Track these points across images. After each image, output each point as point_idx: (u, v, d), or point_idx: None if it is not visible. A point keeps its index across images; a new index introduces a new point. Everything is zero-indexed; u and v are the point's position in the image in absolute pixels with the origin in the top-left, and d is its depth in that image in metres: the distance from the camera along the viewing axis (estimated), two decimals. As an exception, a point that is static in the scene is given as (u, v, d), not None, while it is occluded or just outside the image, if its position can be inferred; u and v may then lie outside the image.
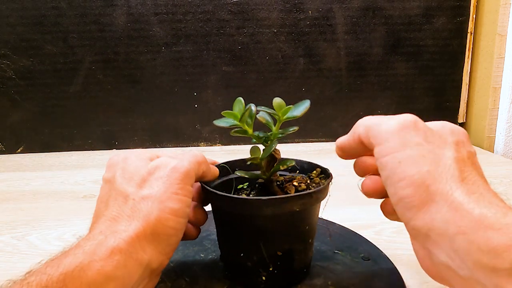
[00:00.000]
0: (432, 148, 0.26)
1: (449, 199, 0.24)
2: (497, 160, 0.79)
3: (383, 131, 0.27)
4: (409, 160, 0.25)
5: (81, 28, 0.83)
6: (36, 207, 0.58)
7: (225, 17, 0.85)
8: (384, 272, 0.36)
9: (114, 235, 0.26)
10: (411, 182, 0.25)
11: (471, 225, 0.23)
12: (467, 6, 0.88)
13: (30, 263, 0.42)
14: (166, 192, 0.29)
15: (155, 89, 0.87)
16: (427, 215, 0.25)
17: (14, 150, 0.88)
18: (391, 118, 0.28)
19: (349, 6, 0.86)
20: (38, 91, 0.85)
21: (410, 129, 0.27)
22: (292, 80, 0.89)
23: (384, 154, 0.27)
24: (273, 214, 0.31)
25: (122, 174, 0.30)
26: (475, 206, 0.23)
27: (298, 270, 0.35)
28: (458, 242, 0.23)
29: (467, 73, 0.91)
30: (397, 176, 0.26)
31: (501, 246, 0.21)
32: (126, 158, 0.32)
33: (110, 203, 0.29)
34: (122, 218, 0.28)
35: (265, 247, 0.33)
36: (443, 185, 0.24)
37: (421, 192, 0.25)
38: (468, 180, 0.25)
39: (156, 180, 0.29)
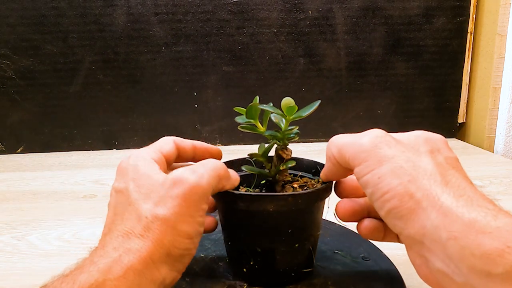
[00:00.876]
0: (408, 157, 0.26)
1: (436, 204, 0.24)
2: (497, 160, 0.79)
3: (357, 151, 0.27)
4: (388, 173, 0.26)
5: (81, 28, 0.83)
6: (36, 207, 0.58)
7: (225, 17, 0.85)
8: (384, 272, 0.36)
9: (128, 254, 0.26)
10: (394, 193, 0.25)
11: (462, 229, 0.22)
12: (467, 6, 0.88)
13: (30, 263, 0.43)
14: (181, 215, 0.28)
15: (155, 89, 0.87)
16: (417, 222, 0.25)
17: (14, 150, 0.88)
18: (362, 136, 0.28)
19: (349, 6, 0.86)
20: (38, 91, 0.85)
21: (382, 144, 0.27)
22: (292, 80, 0.89)
23: (364, 173, 0.27)
24: (247, 209, 0.32)
25: (137, 189, 0.29)
26: (464, 210, 0.23)
27: (282, 271, 0.34)
28: (450, 248, 0.23)
29: (467, 73, 0.91)
30: (381, 190, 0.26)
31: (493, 250, 0.21)
32: (137, 167, 0.30)
33: (125, 217, 0.28)
34: (135, 235, 0.27)
35: (244, 240, 0.34)
36: (427, 191, 0.24)
37: (407, 201, 0.25)
38: (453, 183, 0.25)
39: (172, 199, 0.28)
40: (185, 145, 0.36)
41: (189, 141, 0.36)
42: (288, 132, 0.35)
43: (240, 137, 0.91)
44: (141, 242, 0.27)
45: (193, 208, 0.28)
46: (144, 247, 0.27)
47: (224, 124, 0.90)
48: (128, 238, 0.27)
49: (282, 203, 0.31)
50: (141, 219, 0.27)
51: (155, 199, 0.28)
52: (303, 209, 0.33)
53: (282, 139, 0.36)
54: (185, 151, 0.36)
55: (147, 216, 0.27)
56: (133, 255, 0.26)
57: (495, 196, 0.59)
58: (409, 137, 0.29)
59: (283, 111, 0.34)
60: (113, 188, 0.31)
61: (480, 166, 0.74)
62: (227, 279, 0.35)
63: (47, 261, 0.43)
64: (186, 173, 0.29)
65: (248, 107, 0.35)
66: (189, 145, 0.36)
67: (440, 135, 0.29)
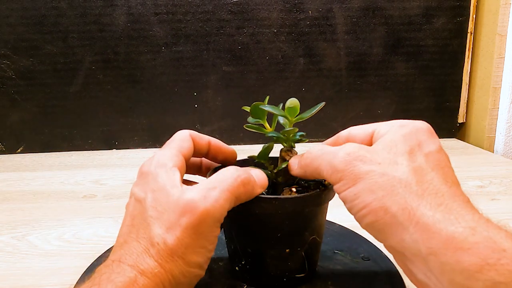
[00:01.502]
0: (384, 169, 0.26)
1: (413, 218, 0.24)
2: (497, 160, 0.79)
3: (333, 172, 0.27)
4: (363, 191, 0.26)
5: (81, 28, 0.83)
6: (36, 207, 0.58)
7: (225, 17, 0.85)
8: (384, 272, 0.36)
9: (143, 276, 0.26)
10: (370, 209, 0.25)
11: (441, 245, 0.22)
12: (467, 6, 0.88)
13: (30, 263, 0.43)
14: (191, 246, 0.27)
15: (155, 89, 0.87)
16: (396, 236, 0.25)
17: (14, 150, 0.88)
18: (335, 154, 0.28)
19: (349, 6, 0.86)
20: (38, 91, 0.85)
21: (356, 161, 0.26)
22: (292, 80, 0.89)
23: (341, 191, 0.27)
24: (236, 210, 0.31)
25: (153, 204, 0.29)
26: (441, 225, 0.23)
27: (273, 275, 0.34)
28: (431, 262, 0.23)
29: (467, 73, 0.91)
30: (357, 207, 0.26)
31: (473, 266, 0.21)
32: (157, 177, 0.30)
33: (140, 233, 0.28)
34: (149, 256, 0.27)
35: (236, 238, 0.34)
36: (403, 205, 0.24)
37: (382, 216, 0.25)
38: (430, 191, 0.24)
39: (181, 229, 0.27)
40: (201, 141, 0.35)
41: (206, 137, 0.36)
42: (292, 133, 0.35)
43: (240, 137, 0.91)
44: (154, 265, 0.27)
45: (204, 238, 0.28)
46: (158, 273, 0.27)
47: (224, 124, 0.90)
48: (142, 258, 0.27)
49: (266, 205, 0.31)
50: (154, 244, 0.27)
51: (166, 223, 0.27)
52: (292, 214, 0.32)
53: (287, 141, 0.35)
54: (200, 147, 0.35)
55: (158, 242, 0.27)
56: (148, 279, 0.26)
57: (495, 196, 0.59)
58: (388, 137, 0.28)
59: (286, 112, 0.34)
60: (133, 192, 0.31)
61: (480, 166, 0.74)
62: (227, 279, 0.35)
63: (47, 261, 0.43)
64: (197, 198, 0.27)
65: (252, 106, 0.34)
66: (205, 141, 0.36)
67: (423, 122, 0.28)
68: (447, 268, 0.22)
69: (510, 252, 0.21)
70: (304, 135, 0.35)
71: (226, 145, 0.37)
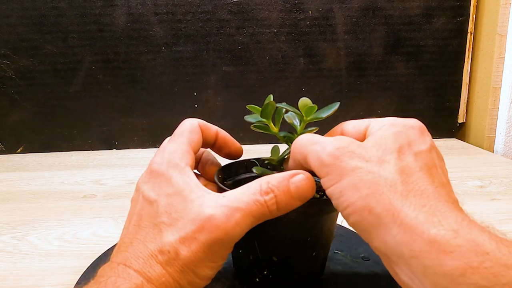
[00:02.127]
0: (371, 167, 0.25)
1: (396, 220, 0.23)
2: (497, 160, 0.79)
3: (320, 165, 0.26)
4: (348, 188, 0.25)
5: (81, 28, 0.83)
6: (36, 207, 0.58)
7: (225, 17, 0.85)
8: (384, 272, 0.36)
9: (150, 284, 0.26)
10: (354, 208, 0.25)
11: (423, 248, 0.22)
12: (467, 6, 0.88)
13: (30, 263, 0.43)
14: (203, 260, 0.27)
15: (155, 89, 0.87)
16: (380, 237, 0.24)
17: (14, 150, 0.88)
18: (324, 146, 0.26)
19: (349, 6, 0.86)
20: (38, 91, 0.85)
21: (344, 156, 0.26)
22: (292, 80, 0.89)
23: (327, 186, 0.26)
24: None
25: (167, 209, 0.28)
26: (424, 227, 0.22)
27: (297, 281, 0.33)
28: (413, 266, 0.22)
29: (467, 73, 0.91)
30: (342, 205, 0.25)
31: (456, 270, 0.21)
32: (171, 179, 0.29)
33: (149, 236, 0.27)
34: (156, 262, 0.27)
35: (259, 248, 0.32)
36: (387, 206, 0.24)
37: (366, 216, 0.24)
38: (415, 191, 0.24)
39: (197, 243, 0.26)
40: (210, 132, 0.35)
41: (214, 127, 0.35)
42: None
43: (240, 137, 0.91)
44: (162, 273, 0.26)
45: (218, 255, 0.27)
46: (165, 282, 0.26)
47: (224, 124, 0.90)
48: (149, 265, 0.26)
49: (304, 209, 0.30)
50: (164, 252, 0.27)
51: (181, 233, 0.27)
52: (320, 215, 0.31)
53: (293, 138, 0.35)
54: (208, 138, 0.35)
55: (169, 251, 0.26)
56: (155, 287, 0.26)
57: (495, 196, 0.59)
58: (378, 134, 0.27)
59: (301, 111, 0.32)
60: (142, 189, 0.30)
61: (480, 166, 0.74)
62: (227, 279, 0.35)
63: (47, 261, 0.43)
64: (219, 216, 0.26)
65: (264, 105, 0.33)
66: (214, 132, 0.35)
67: (416, 120, 0.28)
68: (429, 271, 0.22)
69: (493, 255, 0.21)
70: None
71: (233, 139, 0.37)
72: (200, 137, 0.33)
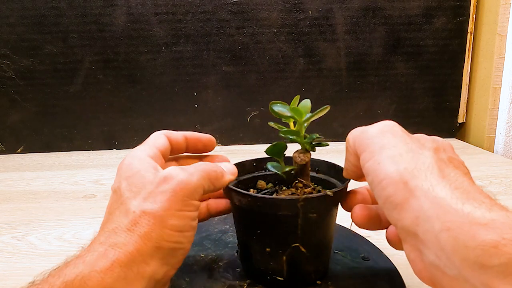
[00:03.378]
0: (410, 148, 0.26)
1: (430, 194, 0.24)
2: (497, 160, 0.79)
3: (364, 139, 0.28)
4: (387, 160, 0.26)
5: (81, 28, 0.83)
6: (36, 207, 0.58)
7: (225, 17, 0.85)
8: (384, 272, 0.36)
9: (114, 248, 0.26)
10: (390, 180, 0.25)
11: (456, 220, 0.22)
12: (467, 6, 0.88)
13: (30, 263, 0.43)
14: (169, 209, 0.28)
15: (155, 89, 0.87)
16: (411, 212, 0.24)
17: (14, 150, 0.88)
18: (372, 126, 0.29)
19: (349, 6, 0.86)
20: (38, 91, 0.85)
21: (388, 132, 0.27)
22: (292, 80, 0.89)
23: (367, 160, 0.27)
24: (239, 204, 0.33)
25: (128, 187, 0.29)
26: (458, 202, 0.23)
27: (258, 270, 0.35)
28: (443, 239, 0.22)
29: (467, 73, 0.91)
30: (378, 177, 0.26)
31: (488, 242, 0.20)
32: (130, 164, 0.31)
33: (115, 215, 0.29)
34: (121, 230, 0.27)
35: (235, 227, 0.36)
36: (422, 181, 0.24)
37: (401, 189, 0.25)
38: (450, 177, 0.25)
39: (161, 194, 0.28)
40: (177, 137, 0.36)
41: (180, 133, 0.37)
42: (297, 135, 0.35)
43: (240, 137, 0.91)
44: (128, 236, 0.27)
45: (182, 203, 0.29)
46: (131, 242, 0.27)
47: (224, 124, 0.90)
48: (114, 233, 0.27)
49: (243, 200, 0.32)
50: (128, 214, 0.28)
51: (144, 195, 0.28)
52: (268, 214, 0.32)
53: (301, 143, 0.35)
54: (177, 143, 0.36)
55: (134, 211, 0.28)
56: (119, 249, 0.26)
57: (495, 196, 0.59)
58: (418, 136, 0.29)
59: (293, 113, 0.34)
60: (111, 189, 0.32)
61: (480, 166, 0.74)
62: (227, 279, 0.35)
63: (47, 261, 0.43)
64: (176, 171, 0.29)
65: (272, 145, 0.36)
66: (181, 137, 0.37)
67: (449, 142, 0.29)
68: (459, 244, 0.21)
69: None
70: (315, 138, 0.35)
71: (203, 134, 0.38)
72: (165, 141, 0.35)
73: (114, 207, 0.30)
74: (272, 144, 0.36)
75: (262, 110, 0.90)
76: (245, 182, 0.39)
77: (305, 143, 0.35)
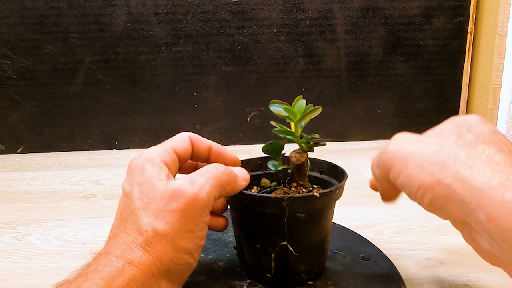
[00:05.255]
0: (431, 148, 0.26)
1: (468, 187, 0.24)
2: (497, 160, 0.79)
3: (386, 159, 0.29)
4: (415, 170, 0.26)
5: (81, 28, 0.83)
6: (36, 207, 0.58)
7: (225, 17, 0.85)
8: (384, 272, 0.36)
9: (131, 266, 0.26)
10: (425, 188, 0.26)
11: (498, 210, 0.22)
12: (467, 6, 0.88)
13: (30, 263, 0.43)
14: (179, 230, 0.28)
15: (155, 89, 0.87)
16: (456, 208, 0.25)
17: (14, 150, 0.88)
18: (387, 144, 0.29)
19: (349, 6, 0.86)
20: (38, 91, 0.85)
21: (404, 145, 0.28)
22: (292, 80, 0.89)
23: (396, 177, 0.28)
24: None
25: (140, 196, 0.29)
26: (498, 191, 0.22)
27: (251, 266, 0.35)
28: (491, 230, 0.23)
29: (467, 73, 0.91)
30: (414, 188, 0.26)
31: None
32: (144, 170, 0.30)
33: (128, 225, 0.29)
34: (137, 246, 0.27)
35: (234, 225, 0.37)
36: (455, 175, 0.24)
37: (439, 190, 0.25)
38: (482, 160, 0.24)
39: (170, 214, 0.28)
40: (201, 145, 0.35)
41: (207, 141, 0.36)
42: (292, 135, 0.35)
43: (240, 137, 0.91)
44: (143, 255, 0.27)
45: (193, 222, 0.28)
46: (146, 262, 0.27)
47: (224, 124, 0.90)
48: (130, 248, 0.27)
49: (237, 198, 0.33)
50: (142, 233, 0.28)
51: (154, 212, 0.28)
52: (255, 212, 0.33)
53: (298, 143, 0.36)
54: (200, 151, 0.35)
55: (147, 230, 0.28)
56: (136, 268, 0.26)
57: None
58: (438, 128, 0.29)
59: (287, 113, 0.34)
60: (122, 187, 0.31)
61: (480, 166, 0.74)
62: (227, 279, 0.35)
63: (47, 261, 0.43)
64: (184, 185, 0.29)
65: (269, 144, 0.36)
66: (206, 146, 0.36)
67: (474, 115, 0.29)
68: (507, 233, 0.22)
69: None
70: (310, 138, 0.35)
71: (229, 152, 0.37)
72: (187, 145, 0.34)
73: (125, 214, 0.30)
74: (268, 142, 0.36)
75: (262, 110, 0.90)
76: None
77: (301, 143, 0.35)
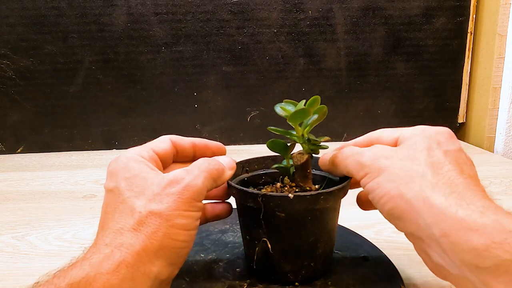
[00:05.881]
0: (403, 164, 0.29)
1: (427, 203, 0.26)
2: (497, 160, 0.79)
3: (360, 167, 0.31)
4: (384, 181, 0.29)
5: (81, 28, 0.83)
6: (36, 207, 0.58)
7: (225, 17, 0.85)
8: (384, 272, 0.36)
9: (120, 249, 0.26)
10: (389, 196, 0.28)
11: (452, 227, 0.24)
12: (467, 6, 0.88)
13: (30, 263, 0.43)
14: (176, 209, 0.28)
15: (155, 89, 0.87)
16: (413, 221, 0.27)
17: (14, 150, 0.88)
18: (364, 152, 0.31)
19: (349, 6, 0.86)
20: (38, 91, 0.85)
21: (381, 157, 0.30)
22: (292, 80, 0.89)
23: (367, 182, 0.30)
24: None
25: (129, 187, 0.29)
26: (453, 209, 0.25)
27: (248, 256, 0.36)
28: (443, 244, 0.25)
29: (467, 73, 0.91)
30: (378, 195, 0.29)
31: (480, 246, 0.23)
32: (127, 166, 0.31)
33: (116, 214, 0.28)
34: (127, 230, 0.27)
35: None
36: (418, 191, 0.27)
37: (400, 202, 0.28)
38: (445, 181, 0.27)
39: (167, 196, 0.28)
40: (184, 143, 0.36)
41: (188, 139, 0.36)
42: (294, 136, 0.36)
43: (240, 137, 0.91)
44: (134, 236, 0.27)
45: (188, 204, 0.29)
46: (138, 242, 0.27)
47: (224, 124, 0.90)
48: (120, 233, 0.27)
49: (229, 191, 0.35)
50: (134, 214, 0.28)
51: (149, 196, 0.28)
52: (243, 206, 0.34)
53: (302, 145, 0.36)
54: (184, 150, 0.36)
55: (141, 211, 0.28)
56: (126, 249, 0.26)
57: (495, 196, 0.59)
58: (410, 139, 0.31)
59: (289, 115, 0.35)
60: (104, 187, 0.31)
61: (480, 166, 0.73)
62: (227, 279, 0.35)
63: (47, 261, 0.43)
64: (182, 174, 0.30)
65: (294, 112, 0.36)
66: (188, 143, 0.36)
67: (445, 128, 0.31)
68: (458, 248, 0.24)
69: None
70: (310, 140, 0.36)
71: (212, 142, 0.38)
72: (167, 145, 0.35)
73: (112, 206, 0.29)
74: (270, 140, 0.36)
75: (262, 110, 0.90)
76: (246, 183, 0.39)
77: (302, 144, 0.36)
